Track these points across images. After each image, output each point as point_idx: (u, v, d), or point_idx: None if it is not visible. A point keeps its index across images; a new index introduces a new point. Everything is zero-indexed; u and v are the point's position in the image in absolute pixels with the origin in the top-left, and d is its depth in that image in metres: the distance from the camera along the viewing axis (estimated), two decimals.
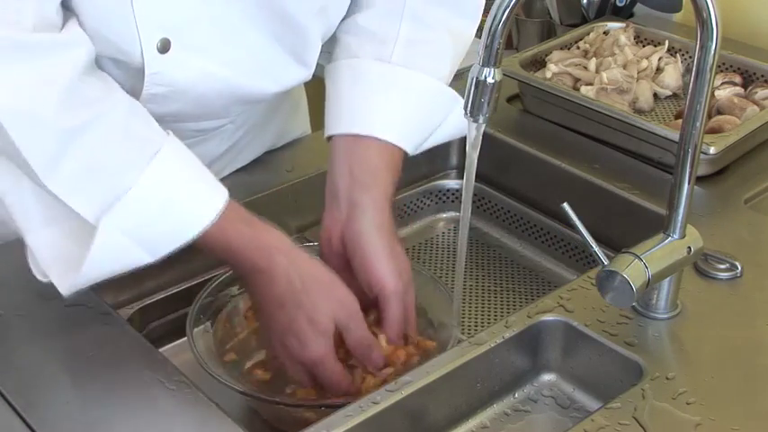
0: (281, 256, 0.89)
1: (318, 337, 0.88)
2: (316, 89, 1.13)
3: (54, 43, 0.85)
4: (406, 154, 1.00)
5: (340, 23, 1.05)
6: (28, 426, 0.82)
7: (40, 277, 0.91)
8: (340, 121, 0.99)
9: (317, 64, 1.07)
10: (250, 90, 1.03)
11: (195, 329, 0.95)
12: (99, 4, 0.89)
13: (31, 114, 0.83)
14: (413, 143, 1.00)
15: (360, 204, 0.94)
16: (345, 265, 0.95)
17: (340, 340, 0.90)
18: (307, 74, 1.06)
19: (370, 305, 0.94)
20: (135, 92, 0.95)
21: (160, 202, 0.86)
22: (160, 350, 0.94)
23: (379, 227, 0.94)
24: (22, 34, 0.82)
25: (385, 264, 0.93)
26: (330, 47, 1.07)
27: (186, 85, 0.97)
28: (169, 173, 0.87)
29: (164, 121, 0.96)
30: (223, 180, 1.11)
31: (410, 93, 1.00)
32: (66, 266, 0.88)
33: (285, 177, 1.19)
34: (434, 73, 1.02)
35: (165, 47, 0.93)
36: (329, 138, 1.00)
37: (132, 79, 0.95)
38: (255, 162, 1.21)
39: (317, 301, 0.88)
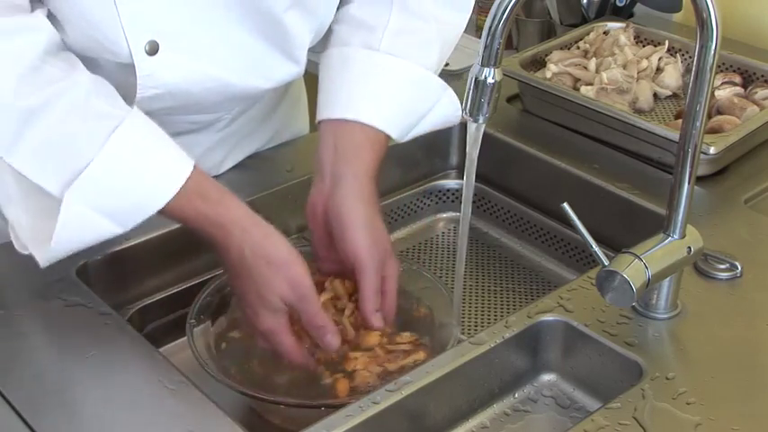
0: (236, 230, 0.90)
1: (267, 312, 0.90)
2: (316, 88, 1.13)
3: (14, 27, 0.87)
4: (390, 139, 1.01)
5: (335, 14, 1.07)
6: (27, 425, 0.82)
7: (20, 250, 0.92)
8: (327, 106, 1.01)
9: (312, 61, 1.07)
10: (243, 88, 1.04)
11: (195, 329, 0.95)
12: (85, 10, 0.91)
13: None
14: (398, 129, 1.02)
15: (342, 176, 0.96)
16: (330, 238, 0.96)
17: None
18: (297, 70, 1.07)
19: (352, 277, 0.95)
20: (130, 94, 0.96)
21: (122, 175, 0.88)
22: (160, 350, 0.94)
23: (359, 197, 0.95)
24: None
25: (360, 233, 0.94)
26: (326, 39, 1.08)
27: (178, 86, 0.99)
28: (130, 146, 0.88)
29: (158, 114, 0.96)
30: (223, 177, 1.11)
31: (396, 79, 1.02)
32: (42, 239, 0.89)
33: (285, 177, 1.19)
34: (421, 61, 1.03)
35: (153, 49, 0.95)
36: (319, 123, 1.01)
37: (131, 81, 0.96)
38: (255, 161, 1.21)
39: (266, 277, 0.89)
